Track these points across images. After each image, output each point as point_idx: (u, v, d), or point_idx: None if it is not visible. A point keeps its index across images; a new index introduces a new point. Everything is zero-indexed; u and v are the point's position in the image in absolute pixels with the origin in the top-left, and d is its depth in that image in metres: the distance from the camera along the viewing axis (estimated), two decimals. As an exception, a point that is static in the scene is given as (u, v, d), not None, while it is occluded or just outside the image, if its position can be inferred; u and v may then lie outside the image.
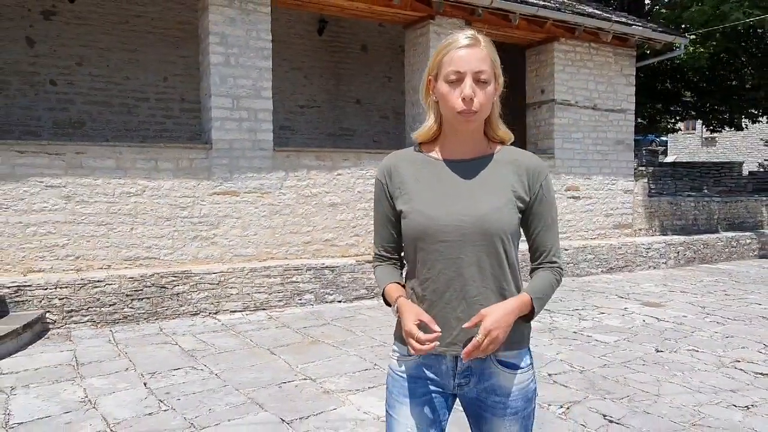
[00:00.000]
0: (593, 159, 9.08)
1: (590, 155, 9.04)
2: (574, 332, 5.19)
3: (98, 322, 5.21)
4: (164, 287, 5.51)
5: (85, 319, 5.17)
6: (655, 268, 9.18)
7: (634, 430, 3.11)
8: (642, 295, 6.96)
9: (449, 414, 1.56)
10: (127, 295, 5.34)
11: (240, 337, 4.96)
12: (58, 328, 5.07)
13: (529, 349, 1.54)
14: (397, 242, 1.59)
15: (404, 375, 1.52)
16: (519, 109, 9.78)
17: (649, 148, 21.76)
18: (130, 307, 5.36)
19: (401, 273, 1.63)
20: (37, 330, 4.83)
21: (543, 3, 8.16)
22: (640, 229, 9.73)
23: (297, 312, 5.94)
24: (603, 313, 5.99)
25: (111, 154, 5.69)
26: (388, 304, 1.55)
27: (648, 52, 10.41)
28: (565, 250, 8.23)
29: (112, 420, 3.22)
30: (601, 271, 8.57)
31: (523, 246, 1.45)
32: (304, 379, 3.92)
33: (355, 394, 3.63)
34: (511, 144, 1.56)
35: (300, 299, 6.16)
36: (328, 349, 4.61)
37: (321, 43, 9.41)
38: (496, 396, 1.48)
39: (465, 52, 1.40)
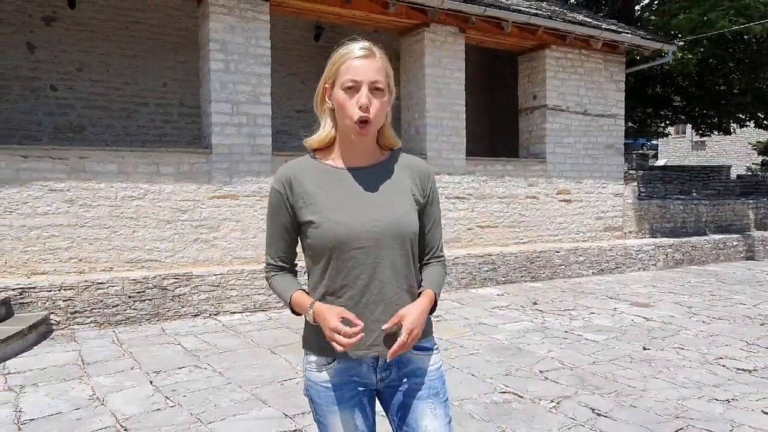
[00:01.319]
0: (584, 163, 9.27)
1: (581, 159, 9.24)
2: (565, 332, 5.35)
3: (101, 323, 5.33)
4: (166, 289, 5.63)
5: (89, 320, 5.28)
6: (644, 269, 9.38)
7: (621, 422, 3.27)
8: (631, 296, 7.14)
9: (373, 406, 1.62)
10: (129, 297, 5.46)
11: (241, 338, 5.09)
12: (62, 329, 5.18)
13: (432, 337, 1.64)
14: (292, 252, 1.61)
15: (329, 384, 1.53)
16: (512, 114, 9.98)
17: (640, 152, 22.05)
18: (133, 309, 5.47)
19: (298, 281, 1.62)
20: (41, 331, 4.94)
21: (535, 11, 8.36)
22: (630, 232, 9.93)
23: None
24: (593, 313, 6.16)
25: (113, 158, 5.81)
26: (295, 313, 1.55)
27: (638, 58, 10.65)
28: (557, 252, 8.42)
29: (121, 416, 3.35)
30: (592, 272, 8.76)
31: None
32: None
33: (354, 390, 3.77)
34: (404, 150, 1.64)
35: (298, 300, 6.29)
36: (327, 349, 4.75)
37: (317, 48, 9.56)
38: (416, 377, 1.55)
39: (361, 62, 1.44)
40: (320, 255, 1.50)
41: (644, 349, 4.77)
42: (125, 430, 3.16)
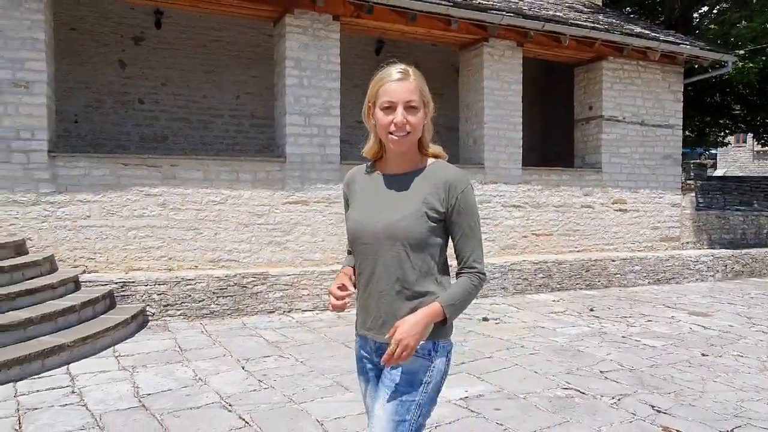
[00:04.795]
0: (640, 173, 9.34)
1: (637, 169, 9.31)
2: (623, 337, 5.54)
3: (189, 316, 5.87)
4: (245, 287, 6.14)
5: (179, 313, 5.84)
6: (702, 280, 9.34)
7: (680, 419, 3.49)
8: (689, 306, 7.21)
9: None
10: (213, 293, 5.99)
11: (315, 333, 5.53)
12: (156, 320, 5.76)
13: (435, 343, 1.70)
14: None
15: (355, 355, 1.88)
16: (564, 122, 10.14)
17: (698, 161, 21.51)
18: (216, 304, 6.00)
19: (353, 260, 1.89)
20: (140, 321, 5.52)
21: (593, 25, 8.55)
22: (687, 243, 9.90)
23: (362, 312, 6.47)
24: (650, 320, 6.30)
25: (199, 166, 6.39)
26: None
27: (696, 67, 10.60)
28: (612, 261, 8.53)
29: (224, 394, 3.81)
30: (648, 282, 8.81)
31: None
32: (379, 368, 4.43)
33: (426, 381, 4.12)
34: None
35: (363, 301, 6.70)
36: (396, 345, 5.12)
37: (378, 62, 9.97)
38: (393, 368, 1.70)
39: (397, 84, 1.64)
40: (350, 243, 1.83)
41: (702, 355, 4.92)
42: (230, 405, 3.62)
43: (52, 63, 5.93)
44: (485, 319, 6.19)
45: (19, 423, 3.32)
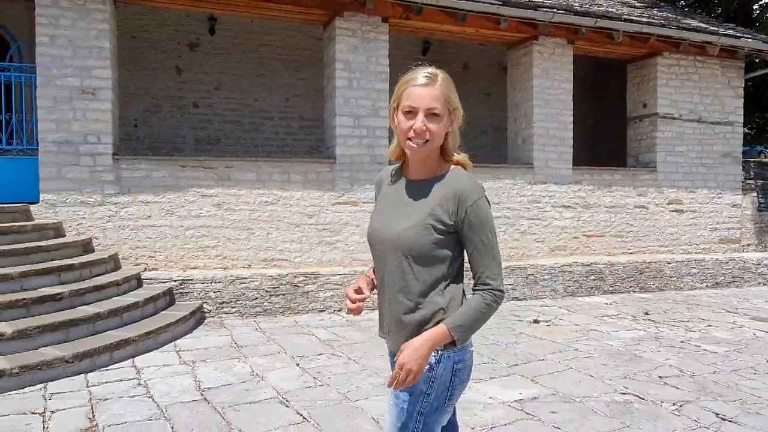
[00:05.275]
0: (698, 172, 9.01)
1: (694, 168, 8.99)
2: (681, 342, 5.36)
3: (243, 314, 6.04)
4: (296, 286, 6.27)
5: (234, 310, 6.02)
6: (765, 284, 8.92)
7: (748, 428, 3.36)
8: (751, 310, 6.91)
9: None
10: (266, 291, 6.14)
11: (365, 332, 5.59)
12: (213, 317, 5.95)
13: (438, 354, 1.63)
14: None
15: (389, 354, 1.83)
16: (615, 120, 9.88)
17: (759, 159, 20.54)
18: (269, 302, 6.15)
19: None
20: (197, 318, 5.72)
21: (647, 20, 8.30)
22: (749, 245, 9.48)
23: (411, 312, 6.50)
24: (710, 325, 6.07)
25: (252, 167, 6.56)
26: None
27: (757, 61, 10.13)
28: (668, 263, 8.26)
29: (281, 390, 3.91)
30: (706, 285, 8.49)
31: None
32: (431, 368, 4.45)
33: (478, 382, 4.11)
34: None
35: (412, 301, 6.73)
36: (447, 345, 5.12)
37: (425, 62, 10.00)
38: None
39: (421, 90, 1.59)
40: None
41: (769, 362, 4.72)
42: (287, 401, 3.72)
43: (116, 70, 6.22)
44: (536, 321, 6.11)
45: (92, 412, 3.51)
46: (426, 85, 1.60)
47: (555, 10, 7.50)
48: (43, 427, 3.29)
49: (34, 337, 4.16)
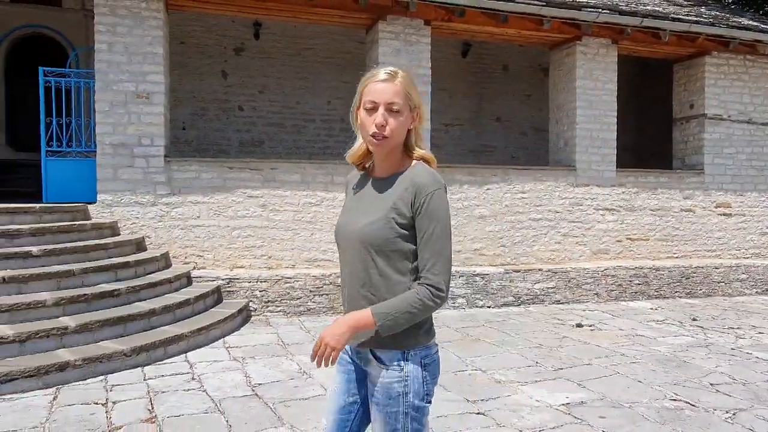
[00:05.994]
0: (747, 175, 8.74)
1: (744, 171, 8.72)
2: (732, 349, 5.23)
3: (288, 313, 6.18)
4: (339, 286, 6.35)
5: (278, 309, 6.16)
6: (819, 291, 8.59)
7: (806, 438, 3.28)
8: (806, 318, 6.67)
9: (362, 389, 1.76)
10: (310, 291, 6.27)
11: (408, 332, 5.64)
12: (258, 315, 6.11)
13: (405, 353, 1.64)
14: None
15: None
16: (661, 122, 9.67)
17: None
18: (313, 302, 6.27)
19: None
20: (244, 315, 5.88)
21: (695, 18, 8.11)
22: (802, 250, 9.13)
23: (452, 314, 6.53)
24: (762, 333, 5.90)
25: (297, 169, 6.70)
26: None
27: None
28: (716, 268, 8.04)
29: (328, 387, 3.99)
30: (756, 291, 8.22)
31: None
32: (475, 369, 4.48)
33: (524, 385, 4.12)
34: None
35: (453, 303, 6.75)
36: (490, 347, 5.14)
37: (464, 64, 10.02)
38: (369, 382, 1.71)
39: (381, 85, 1.59)
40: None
41: (827, 371, 4.56)
42: (336, 398, 3.80)
43: (167, 75, 6.45)
44: (579, 325, 6.06)
45: (151, 404, 3.67)
46: (386, 81, 1.60)
47: (599, 10, 7.41)
48: (107, 417, 3.46)
49: (94, 331, 4.37)
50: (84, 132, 6.36)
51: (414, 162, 1.67)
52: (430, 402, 1.70)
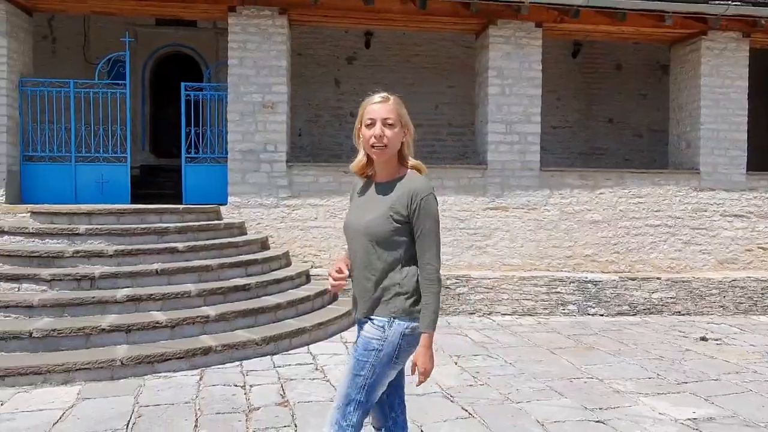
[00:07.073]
0: None
1: None
2: None
3: (398, 311, 6.39)
4: (449, 288, 6.49)
5: (389, 307, 6.39)
6: None
7: None
8: None
9: None
10: (419, 291, 6.43)
11: (518, 336, 5.64)
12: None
13: (391, 320, 2.03)
14: None
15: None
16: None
17: None
18: (422, 302, 6.43)
19: None
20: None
21: (844, 5, 7.31)
22: None
23: (562, 320, 6.42)
24: None
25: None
26: None
27: None
28: None
29: (444, 386, 4.13)
30: None
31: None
32: (590, 378, 4.40)
33: (645, 396, 4.00)
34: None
35: (564, 309, 6.63)
36: (605, 356, 5.01)
37: (574, 65, 9.75)
38: (357, 337, 2.15)
39: (377, 106, 2.04)
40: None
41: None
42: (451, 396, 3.93)
43: (289, 85, 6.93)
44: (703, 339, 5.72)
45: (282, 389, 4.01)
46: (381, 103, 2.05)
47: (729, 2, 6.92)
48: (246, 398, 3.84)
49: (230, 321, 4.83)
50: (217, 140, 6.99)
51: (408, 171, 2.10)
52: (395, 368, 2.08)
